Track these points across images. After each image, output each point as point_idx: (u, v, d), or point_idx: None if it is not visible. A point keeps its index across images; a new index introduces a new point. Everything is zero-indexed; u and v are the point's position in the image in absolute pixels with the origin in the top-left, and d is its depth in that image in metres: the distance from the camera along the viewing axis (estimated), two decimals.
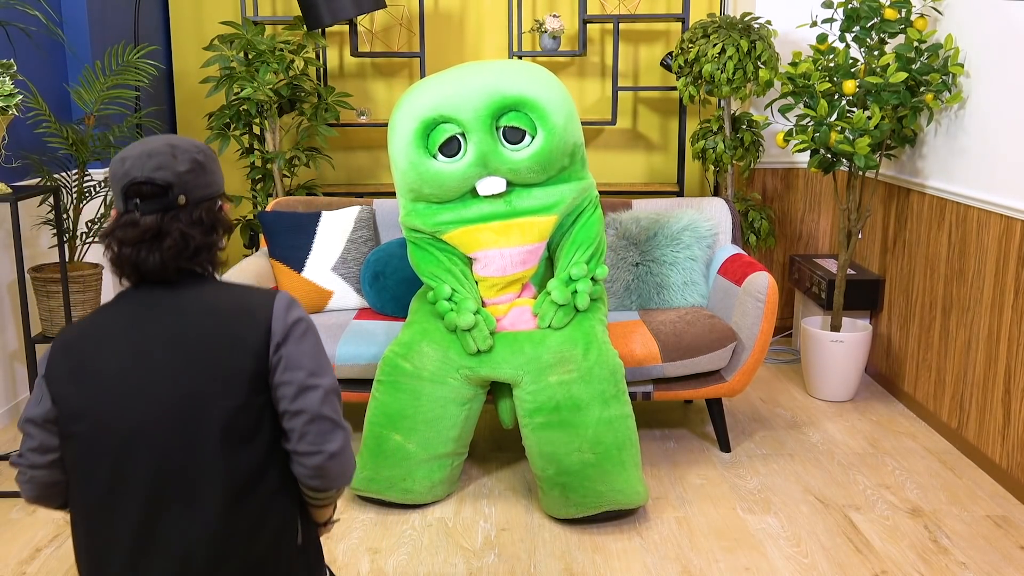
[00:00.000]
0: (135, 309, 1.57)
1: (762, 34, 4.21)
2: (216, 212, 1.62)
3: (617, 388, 2.96)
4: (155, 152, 1.57)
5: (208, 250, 1.60)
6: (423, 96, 3.00)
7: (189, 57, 5.10)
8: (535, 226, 3.06)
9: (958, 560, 2.77)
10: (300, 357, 1.57)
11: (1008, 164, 3.24)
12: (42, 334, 3.56)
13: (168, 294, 1.57)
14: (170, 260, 1.55)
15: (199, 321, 1.54)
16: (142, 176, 1.55)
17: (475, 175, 3.00)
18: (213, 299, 1.58)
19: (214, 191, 1.63)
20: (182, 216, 1.56)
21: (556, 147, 2.99)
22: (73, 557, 2.80)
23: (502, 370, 2.98)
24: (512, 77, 2.99)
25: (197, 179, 1.59)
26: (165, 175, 1.55)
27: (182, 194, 1.56)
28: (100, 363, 1.53)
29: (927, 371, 3.81)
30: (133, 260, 1.55)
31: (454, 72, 3.06)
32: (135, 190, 1.55)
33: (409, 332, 3.07)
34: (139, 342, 1.54)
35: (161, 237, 1.55)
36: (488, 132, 2.96)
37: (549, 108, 2.97)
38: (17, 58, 3.73)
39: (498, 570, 2.72)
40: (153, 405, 1.50)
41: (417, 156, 2.99)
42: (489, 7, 5.06)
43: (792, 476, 3.33)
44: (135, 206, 1.55)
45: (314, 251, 3.63)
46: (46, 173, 3.67)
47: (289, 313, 1.59)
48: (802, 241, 4.86)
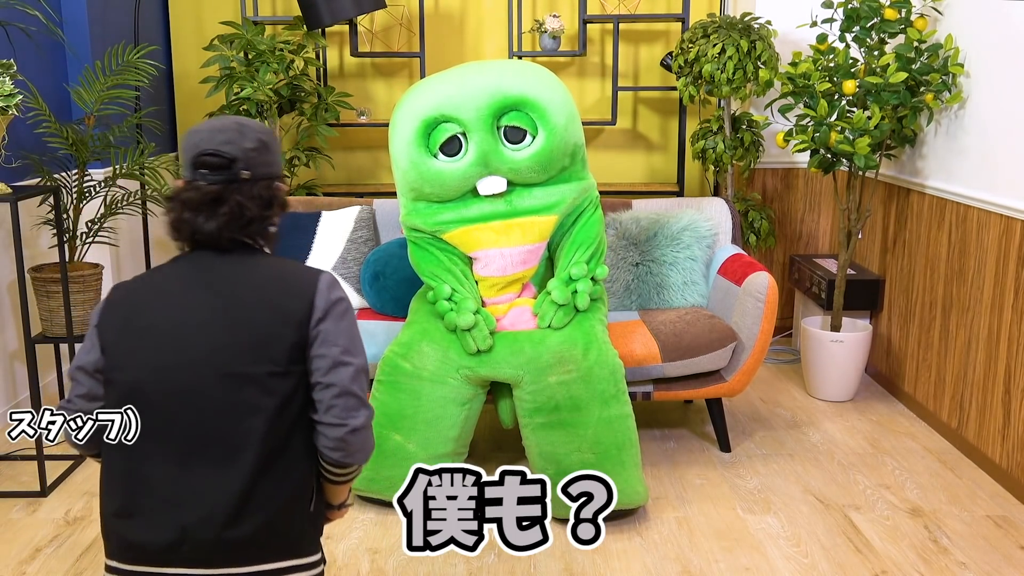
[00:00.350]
0: (188, 272, 1.67)
1: (762, 34, 4.21)
2: (274, 190, 1.71)
3: (617, 388, 2.96)
4: (224, 128, 1.67)
5: (261, 223, 1.68)
6: (424, 95, 3.00)
7: (189, 57, 5.10)
8: (536, 226, 3.06)
9: (958, 560, 2.77)
10: (337, 334, 1.64)
11: (1008, 164, 3.24)
12: (42, 334, 3.56)
13: (221, 261, 1.66)
14: (224, 227, 1.64)
15: (247, 290, 1.63)
16: (211, 148, 1.64)
17: (476, 174, 3.00)
18: (262, 270, 1.66)
19: (274, 171, 1.73)
20: (243, 189, 1.65)
21: (557, 147, 2.99)
22: (74, 557, 2.80)
23: (502, 370, 2.98)
24: (513, 77, 2.99)
25: (260, 156, 1.68)
26: (231, 149, 1.65)
27: (245, 169, 1.65)
28: (150, 318, 1.62)
29: (927, 371, 3.81)
30: (192, 224, 1.64)
31: (455, 72, 3.06)
32: (202, 161, 1.64)
33: (409, 332, 3.07)
34: (189, 303, 1.62)
35: (219, 204, 1.63)
36: (489, 132, 2.96)
37: (550, 108, 2.97)
38: (17, 58, 3.73)
39: (498, 570, 2.72)
40: (197, 364, 1.58)
41: (418, 155, 2.99)
42: (489, 7, 5.06)
43: (792, 476, 3.33)
44: (201, 176, 1.65)
45: (314, 251, 3.63)
46: (46, 173, 3.67)
47: (332, 291, 1.66)
48: (802, 241, 4.86)
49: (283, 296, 1.63)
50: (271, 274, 1.67)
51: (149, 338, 1.61)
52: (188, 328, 1.60)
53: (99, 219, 3.82)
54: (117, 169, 3.85)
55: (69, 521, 3.01)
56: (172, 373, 1.59)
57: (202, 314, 1.61)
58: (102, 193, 3.86)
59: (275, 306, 1.62)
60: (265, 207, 1.69)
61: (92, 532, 2.94)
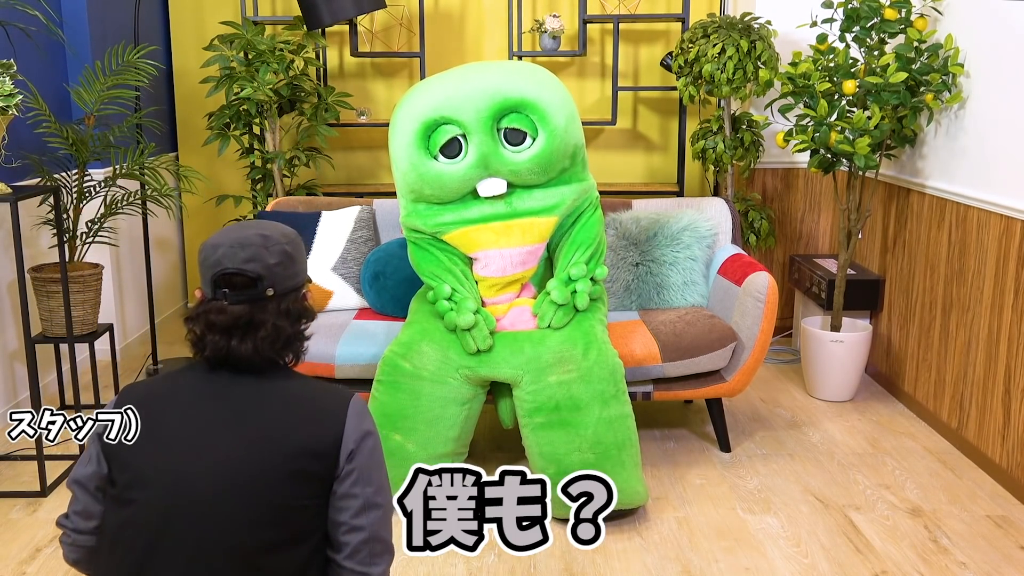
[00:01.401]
0: (207, 388, 1.58)
1: (762, 34, 4.21)
2: (302, 302, 1.65)
3: (617, 388, 2.96)
4: (247, 243, 1.58)
5: (297, 340, 1.63)
6: (424, 96, 3.00)
7: (189, 57, 5.10)
8: (535, 227, 3.06)
9: (958, 560, 2.77)
10: (371, 472, 1.58)
11: (1008, 164, 3.24)
12: (42, 334, 3.56)
13: (245, 380, 1.58)
14: (264, 349, 1.57)
15: (272, 414, 1.55)
16: (234, 267, 1.56)
17: (476, 176, 3.00)
18: (289, 394, 1.58)
19: (300, 281, 1.65)
20: (270, 307, 1.58)
21: (557, 149, 2.99)
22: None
23: (502, 370, 2.98)
24: (513, 78, 2.99)
25: (286, 270, 1.61)
26: (256, 267, 1.57)
27: (271, 286, 1.58)
28: (163, 432, 1.53)
29: (927, 371, 3.81)
30: (223, 347, 1.55)
31: (455, 72, 3.06)
32: (225, 280, 1.57)
33: (409, 332, 3.07)
34: (206, 423, 1.53)
35: (255, 327, 1.56)
36: (489, 134, 2.95)
37: (550, 110, 2.96)
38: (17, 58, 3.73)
39: (498, 570, 2.72)
40: (208, 490, 1.49)
41: (418, 157, 2.99)
42: (489, 7, 5.06)
43: (792, 476, 3.33)
44: (224, 295, 1.57)
45: (314, 251, 3.63)
46: (46, 173, 3.67)
47: (362, 422, 1.59)
48: (802, 241, 4.86)
49: (310, 424, 1.55)
50: (299, 399, 1.58)
51: (160, 453, 1.52)
52: (201, 452, 1.51)
53: (99, 219, 3.82)
54: (117, 169, 3.85)
55: None
56: (179, 493, 1.49)
57: (220, 438, 1.52)
58: (102, 193, 3.86)
59: (301, 435, 1.53)
60: (296, 322, 1.62)
61: None
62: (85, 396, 4.08)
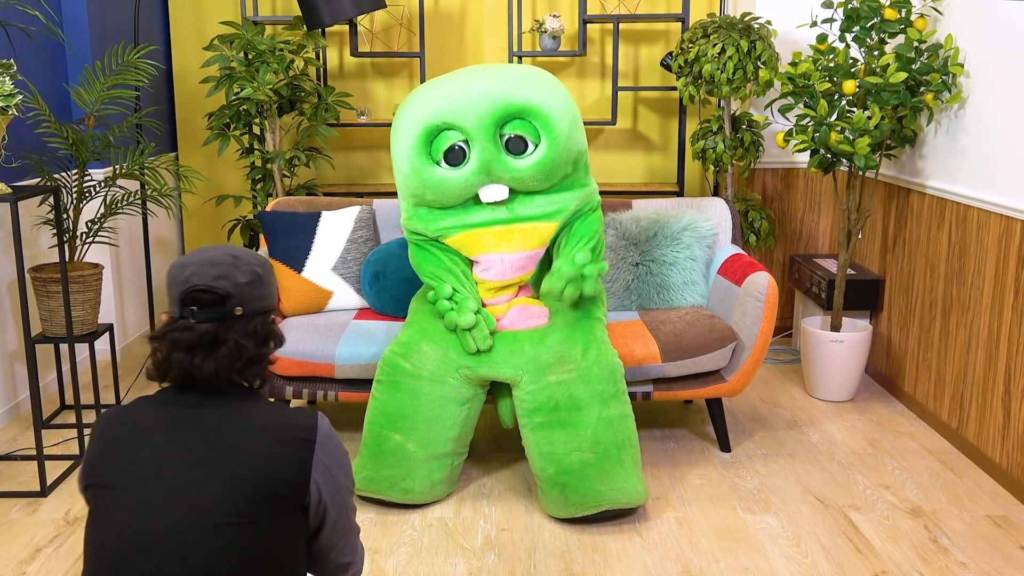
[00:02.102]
0: (173, 415, 1.55)
1: (762, 34, 4.21)
2: (270, 325, 1.63)
3: (616, 388, 2.96)
4: (217, 261, 1.58)
5: (259, 362, 1.61)
6: (426, 101, 2.99)
7: (189, 57, 5.10)
8: (536, 232, 3.06)
9: (958, 560, 2.77)
10: (343, 485, 1.62)
11: (1008, 164, 3.24)
12: (42, 334, 3.56)
13: (211, 403, 1.57)
14: (224, 369, 1.55)
15: (238, 440, 1.53)
16: (203, 284, 1.55)
17: (478, 183, 2.99)
18: (255, 418, 1.57)
19: (269, 305, 1.64)
20: (236, 327, 1.57)
21: (559, 156, 2.98)
22: (74, 557, 2.80)
23: (501, 370, 2.98)
24: (516, 84, 2.97)
25: (255, 291, 1.60)
26: (225, 285, 1.56)
27: (239, 305, 1.57)
28: (128, 465, 1.51)
29: (927, 371, 3.81)
30: (185, 366, 1.54)
31: (458, 76, 3.05)
32: (193, 297, 1.56)
33: (409, 332, 3.07)
34: (170, 453, 1.51)
35: (217, 345, 1.55)
36: (491, 141, 2.94)
37: (553, 116, 2.95)
38: (17, 58, 3.73)
39: (498, 570, 2.72)
40: (170, 519, 1.47)
41: (420, 163, 2.98)
42: (489, 7, 5.06)
43: (792, 476, 3.33)
44: (191, 313, 1.55)
45: (314, 251, 3.63)
46: (46, 173, 3.67)
47: (330, 438, 1.60)
48: (802, 241, 4.86)
49: (276, 448, 1.53)
50: (264, 422, 1.56)
51: (122, 482, 1.50)
52: (165, 479, 1.49)
53: (99, 219, 3.82)
54: (117, 169, 3.85)
55: (69, 521, 3.02)
56: (141, 524, 1.47)
57: (183, 465, 1.50)
58: (102, 193, 3.86)
59: (267, 459, 1.52)
60: (261, 344, 1.60)
61: None
62: (85, 396, 4.08)
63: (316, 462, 1.55)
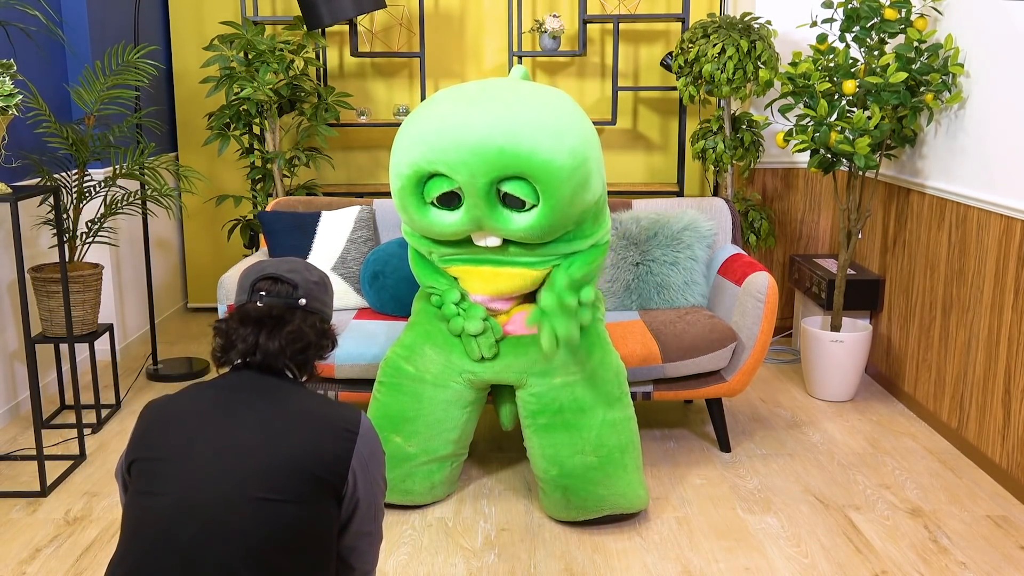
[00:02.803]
0: (225, 394, 1.63)
1: (762, 34, 4.21)
2: (327, 325, 1.75)
3: (620, 390, 2.95)
4: (291, 260, 1.75)
5: (316, 351, 1.71)
6: (423, 137, 2.70)
7: (189, 57, 5.10)
8: (527, 276, 2.93)
9: (958, 560, 2.77)
10: (377, 484, 1.67)
11: (1008, 164, 3.24)
12: (42, 334, 3.56)
13: (262, 386, 1.64)
14: (287, 346, 1.66)
15: (285, 423, 1.59)
16: (275, 272, 1.71)
17: (468, 231, 2.81)
18: (303, 403, 1.63)
19: (328, 312, 1.78)
20: (299, 314, 1.70)
21: (557, 220, 2.73)
22: (74, 557, 2.80)
23: (505, 375, 2.95)
24: (521, 132, 2.61)
25: (320, 292, 1.75)
26: (296, 276, 1.71)
27: (304, 297, 1.71)
28: (177, 434, 1.58)
29: (927, 371, 3.81)
30: (251, 342, 1.64)
31: (462, 106, 2.69)
32: (264, 284, 1.70)
33: (412, 334, 3.06)
34: (222, 428, 1.57)
35: (283, 323, 1.67)
36: (483, 198, 2.69)
37: (557, 179, 2.62)
38: (17, 58, 3.73)
39: (498, 570, 2.72)
40: (212, 489, 1.52)
41: (411, 204, 2.79)
42: (489, 7, 5.06)
43: (792, 476, 3.33)
44: (259, 297, 1.69)
45: (314, 251, 3.63)
46: (46, 173, 3.67)
47: (372, 435, 1.66)
48: (802, 241, 4.86)
49: (323, 435, 1.59)
50: (312, 409, 1.62)
51: (174, 457, 1.56)
52: (216, 456, 1.55)
53: (99, 219, 3.82)
54: (117, 169, 3.85)
55: (69, 521, 3.02)
56: (191, 497, 1.52)
57: (234, 444, 1.55)
58: (102, 193, 3.86)
59: (314, 444, 1.57)
60: (320, 336, 1.72)
61: (92, 532, 2.94)
62: (85, 396, 4.08)
63: (357, 453, 1.60)
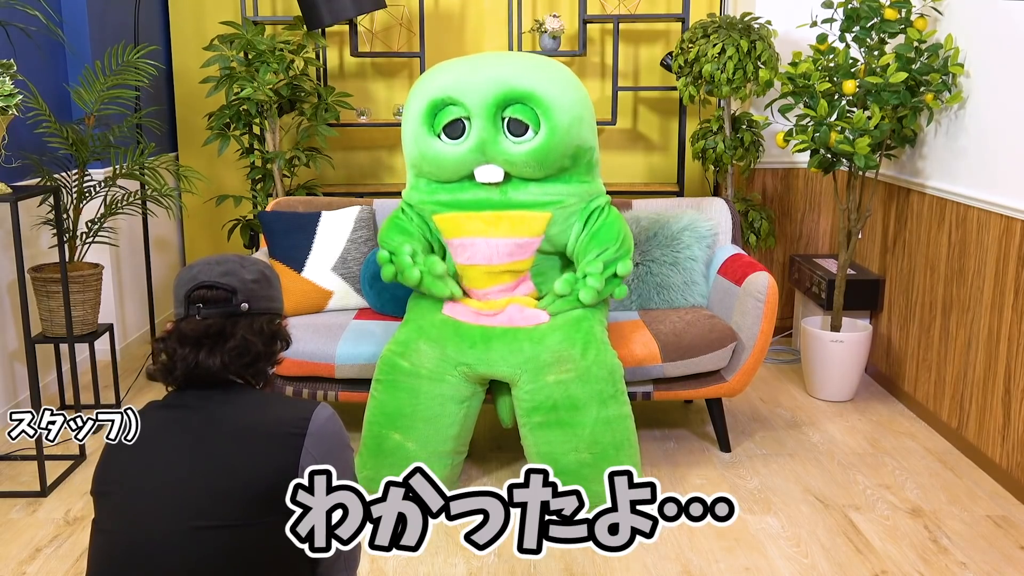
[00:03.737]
0: (168, 414, 1.54)
1: (762, 34, 4.21)
2: (276, 325, 1.62)
3: (615, 388, 2.96)
4: (223, 260, 1.59)
5: (266, 360, 1.59)
6: (438, 76, 3.08)
7: (189, 57, 5.10)
8: (526, 220, 3.08)
9: (958, 560, 2.77)
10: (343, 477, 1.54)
11: (1008, 164, 3.24)
12: (42, 334, 3.56)
13: (205, 403, 1.54)
14: (231, 363, 1.53)
15: (225, 445, 1.49)
16: (209, 279, 1.55)
17: (473, 161, 3.04)
18: (243, 417, 1.53)
19: (275, 307, 1.63)
20: (243, 323, 1.56)
21: (556, 146, 3.00)
22: (74, 557, 2.80)
23: (500, 368, 2.98)
24: (526, 71, 3.03)
25: (261, 290, 1.60)
26: (231, 280, 1.56)
27: (245, 301, 1.57)
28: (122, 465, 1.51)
29: (927, 371, 3.81)
30: (191, 362, 1.52)
31: (474, 58, 3.14)
32: (200, 294, 1.55)
33: (406, 330, 3.07)
34: (164, 458, 1.49)
35: (224, 338, 1.53)
36: (491, 120, 3.00)
37: (555, 106, 2.98)
38: (17, 58, 3.73)
39: (498, 570, 2.72)
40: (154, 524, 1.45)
41: (421, 133, 3.07)
42: (489, 7, 5.06)
43: (792, 476, 3.33)
44: (197, 310, 1.54)
45: (314, 251, 3.63)
46: (46, 173, 3.67)
47: (328, 430, 1.55)
48: (802, 241, 4.86)
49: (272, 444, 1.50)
50: (262, 418, 1.53)
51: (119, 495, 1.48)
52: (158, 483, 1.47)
53: (99, 219, 3.82)
54: (117, 169, 3.85)
55: (69, 521, 3.01)
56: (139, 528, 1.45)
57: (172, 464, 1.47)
58: (102, 193, 3.86)
59: (264, 457, 1.48)
60: (269, 343, 1.59)
61: None
62: (85, 396, 4.08)
63: (305, 455, 1.50)
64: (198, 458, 1.48)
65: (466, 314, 3.08)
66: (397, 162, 5.26)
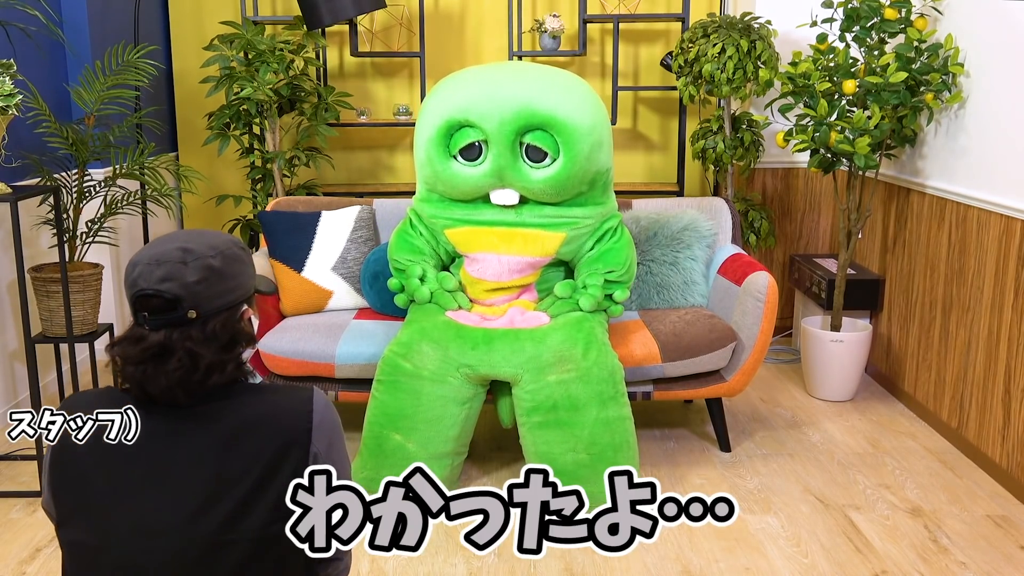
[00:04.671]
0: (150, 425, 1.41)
1: (762, 34, 4.21)
2: (235, 324, 1.44)
3: (615, 389, 2.96)
4: (164, 259, 1.40)
5: (222, 368, 1.41)
6: (456, 93, 3.00)
7: (189, 57, 5.10)
8: (539, 239, 3.07)
9: (958, 560, 2.77)
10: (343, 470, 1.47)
11: (1008, 164, 3.24)
12: (42, 334, 3.56)
13: (187, 414, 1.41)
14: (176, 384, 1.38)
15: (222, 446, 1.39)
16: (149, 288, 1.38)
17: (489, 185, 3.02)
18: (237, 417, 1.42)
19: (233, 299, 1.44)
20: (193, 332, 1.39)
21: (575, 175, 2.97)
22: None
23: (502, 369, 2.98)
24: (545, 93, 2.94)
25: (211, 289, 1.41)
26: (172, 287, 1.38)
27: (193, 308, 1.39)
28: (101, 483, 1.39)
29: (927, 371, 3.81)
30: (139, 380, 1.39)
31: (493, 73, 3.05)
32: (142, 303, 1.39)
33: (408, 331, 3.07)
34: (150, 468, 1.39)
35: (165, 357, 1.37)
36: (509, 147, 2.95)
37: (576, 134, 2.93)
38: (17, 58, 3.73)
39: (498, 570, 2.72)
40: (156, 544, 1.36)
41: (436, 154, 3.02)
42: (489, 7, 5.06)
43: (792, 476, 3.33)
44: (143, 319, 1.40)
45: (314, 251, 3.63)
46: (46, 173, 3.67)
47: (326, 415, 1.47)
48: (802, 241, 4.86)
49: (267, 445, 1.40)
50: (250, 419, 1.42)
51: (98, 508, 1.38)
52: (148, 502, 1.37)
53: (99, 219, 3.82)
54: (117, 169, 3.85)
55: None
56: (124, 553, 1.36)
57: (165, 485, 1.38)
58: (102, 193, 3.86)
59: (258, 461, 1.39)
60: (226, 348, 1.41)
61: None
62: None
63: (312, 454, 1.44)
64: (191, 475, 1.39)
65: (468, 317, 3.09)
66: (397, 162, 5.26)
